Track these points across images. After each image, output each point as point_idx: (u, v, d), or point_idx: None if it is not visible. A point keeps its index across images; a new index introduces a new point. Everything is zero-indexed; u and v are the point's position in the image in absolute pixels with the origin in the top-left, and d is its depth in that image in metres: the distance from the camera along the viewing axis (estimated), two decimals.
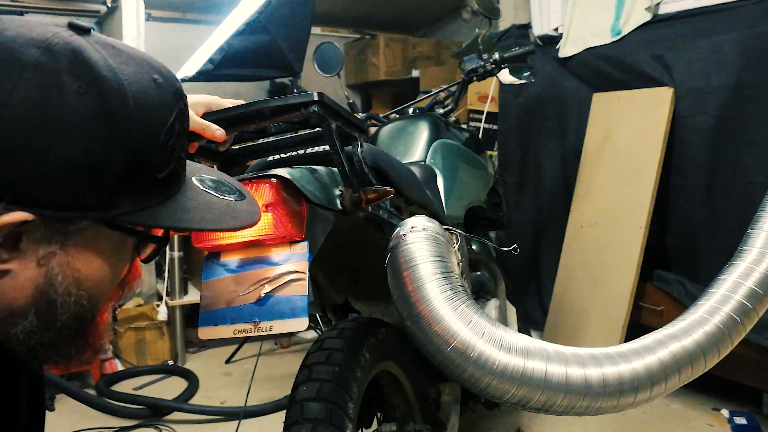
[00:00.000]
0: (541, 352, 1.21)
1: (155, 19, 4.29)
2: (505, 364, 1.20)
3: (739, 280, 1.40)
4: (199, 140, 1.24)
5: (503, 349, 1.21)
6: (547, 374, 1.19)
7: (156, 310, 3.76)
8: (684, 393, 3.05)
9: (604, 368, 1.22)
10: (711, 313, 1.34)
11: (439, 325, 1.23)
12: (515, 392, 1.20)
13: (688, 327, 1.32)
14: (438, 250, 1.31)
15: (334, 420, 1.36)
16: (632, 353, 1.26)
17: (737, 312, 1.35)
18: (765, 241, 1.46)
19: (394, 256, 1.32)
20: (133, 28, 3.78)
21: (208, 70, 3.32)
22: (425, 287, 1.26)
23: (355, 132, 1.37)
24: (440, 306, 1.23)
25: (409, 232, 1.33)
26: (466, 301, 1.26)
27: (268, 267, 1.25)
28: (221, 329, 1.26)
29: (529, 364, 1.20)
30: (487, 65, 2.77)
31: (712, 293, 1.40)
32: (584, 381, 1.20)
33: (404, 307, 1.28)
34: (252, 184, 1.24)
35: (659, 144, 3.04)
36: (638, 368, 1.24)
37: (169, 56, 4.00)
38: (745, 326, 1.36)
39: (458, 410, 2.15)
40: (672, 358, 1.26)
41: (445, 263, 1.30)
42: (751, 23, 2.81)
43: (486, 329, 1.23)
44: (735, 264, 1.45)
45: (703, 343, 1.29)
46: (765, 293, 1.39)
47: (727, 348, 1.33)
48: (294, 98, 1.22)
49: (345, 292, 1.98)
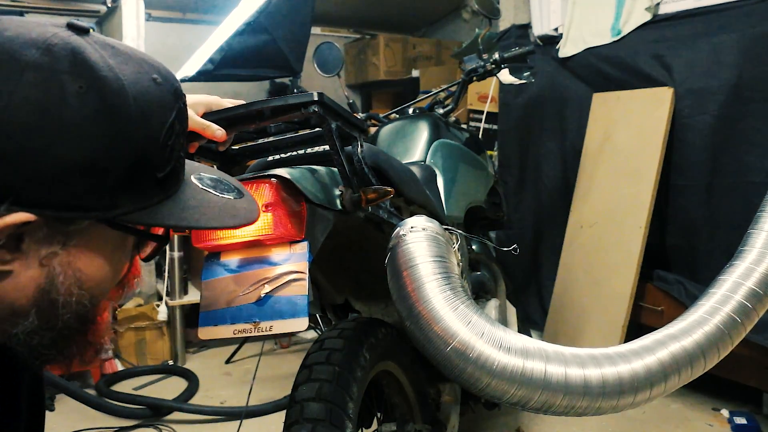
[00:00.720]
0: (540, 353, 1.21)
1: (155, 19, 4.29)
2: (504, 365, 1.20)
3: (739, 280, 1.40)
4: (199, 140, 1.24)
5: (503, 349, 1.21)
6: (547, 374, 1.19)
7: (156, 310, 3.76)
8: (684, 393, 3.05)
9: (603, 369, 1.22)
10: (711, 313, 1.34)
11: (438, 325, 1.22)
12: (515, 392, 1.20)
13: (687, 327, 1.32)
14: (438, 250, 1.31)
15: (334, 420, 1.36)
16: (632, 354, 1.26)
17: (737, 312, 1.35)
18: (765, 242, 1.46)
19: (394, 256, 1.32)
20: (133, 28, 3.78)
21: (208, 70, 3.32)
22: (425, 287, 1.25)
23: (355, 132, 1.37)
24: (440, 306, 1.23)
25: (409, 232, 1.33)
26: (466, 302, 1.26)
27: (268, 267, 1.25)
28: (221, 329, 1.26)
29: (529, 365, 1.20)
30: (487, 65, 2.77)
31: (712, 293, 1.40)
32: (583, 381, 1.20)
33: (404, 307, 1.28)
34: (252, 184, 1.23)
35: (659, 144, 3.04)
36: (638, 369, 1.24)
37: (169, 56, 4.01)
38: (746, 326, 1.36)
39: (458, 410, 2.15)
40: (672, 358, 1.26)
41: (445, 263, 1.30)
42: (751, 23, 2.81)
43: (485, 329, 1.23)
44: (735, 264, 1.45)
45: (703, 343, 1.29)
46: (765, 293, 1.40)
47: (727, 348, 1.33)
48: (294, 98, 1.22)
49: (345, 292, 1.98)
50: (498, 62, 2.75)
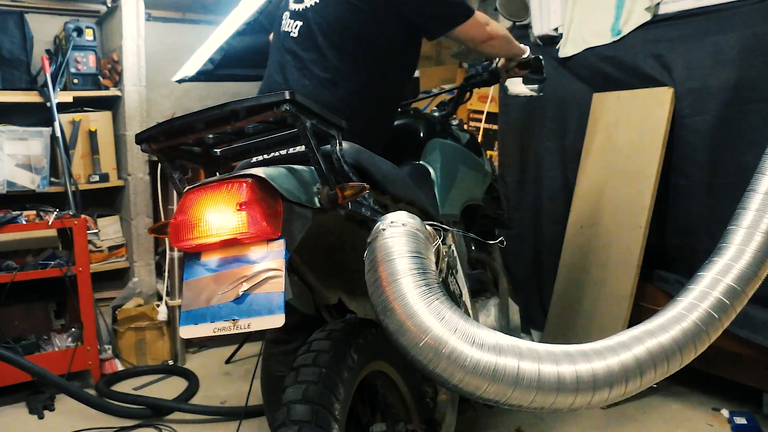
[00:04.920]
0: (513, 350, 1.22)
1: (155, 19, 4.30)
2: (477, 361, 1.20)
3: (717, 276, 1.40)
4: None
5: (475, 345, 1.21)
6: (520, 371, 1.19)
7: (156, 310, 3.78)
8: (684, 393, 3.05)
9: (577, 365, 1.23)
10: (689, 309, 1.35)
11: (412, 320, 1.23)
12: (488, 389, 1.20)
13: (665, 323, 1.32)
14: (416, 245, 1.32)
15: (320, 422, 1.38)
16: (607, 350, 1.26)
17: (715, 308, 1.35)
18: (744, 238, 1.47)
19: (372, 250, 1.33)
20: (133, 28, 3.81)
21: (208, 70, 3.34)
22: (400, 282, 1.26)
23: (333, 130, 1.38)
24: (414, 301, 1.23)
25: (389, 227, 1.34)
26: (440, 297, 1.26)
27: (246, 265, 1.26)
28: (202, 328, 1.27)
29: (501, 361, 1.20)
30: (485, 75, 2.75)
31: (691, 290, 1.41)
32: (557, 378, 1.20)
33: (379, 301, 1.28)
34: (227, 184, 1.24)
35: (659, 144, 3.03)
36: (612, 365, 1.25)
37: (169, 56, 4.09)
38: (723, 322, 1.37)
39: (455, 409, 2.16)
40: (648, 354, 1.26)
41: (422, 259, 1.30)
42: (751, 23, 2.79)
43: (459, 325, 1.23)
44: (714, 260, 1.47)
45: (680, 339, 1.30)
46: (743, 290, 1.40)
47: (704, 344, 1.34)
48: (266, 98, 1.22)
49: (338, 292, 1.98)
50: (495, 73, 2.73)
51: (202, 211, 1.28)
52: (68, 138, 3.77)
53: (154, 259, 4.01)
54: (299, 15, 2.18)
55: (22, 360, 2.98)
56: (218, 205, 1.26)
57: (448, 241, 1.97)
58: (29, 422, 3.08)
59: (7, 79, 3.75)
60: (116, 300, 3.87)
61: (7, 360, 2.91)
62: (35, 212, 3.44)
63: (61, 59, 3.78)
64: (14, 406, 3.23)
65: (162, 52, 4.25)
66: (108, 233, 4.00)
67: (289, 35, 2.20)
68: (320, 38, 2.10)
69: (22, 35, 3.82)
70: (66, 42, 3.79)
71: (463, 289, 2.16)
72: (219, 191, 1.27)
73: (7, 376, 3.12)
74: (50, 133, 3.68)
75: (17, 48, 3.80)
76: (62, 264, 3.38)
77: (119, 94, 3.90)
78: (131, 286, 3.90)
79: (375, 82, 2.14)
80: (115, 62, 3.87)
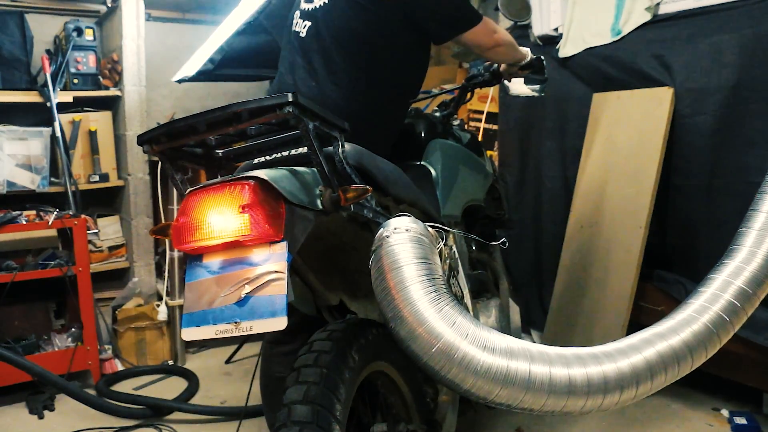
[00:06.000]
0: (524, 353, 1.21)
1: (155, 19, 4.30)
2: (489, 365, 1.20)
3: (728, 279, 1.39)
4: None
5: (487, 349, 1.21)
6: (531, 374, 1.19)
7: (156, 310, 3.78)
8: (684, 393, 3.04)
9: (588, 368, 1.22)
10: (700, 311, 1.34)
11: (423, 327, 1.23)
12: (499, 393, 1.20)
13: (676, 326, 1.32)
14: (422, 251, 1.31)
15: (321, 422, 1.37)
16: (618, 353, 1.26)
17: (726, 311, 1.34)
18: (755, 240, 1.46)
19: (378, 258, 1.33)
20: (133, 28, 3.80)
21: (208, 70, 3.33)
22: (409, 289, 1.26)
23: (335, 131, 1.37)
24: (424, 308, 1.23)
25: (393, 233, 1.34)
26: (450, 303, 1.26)
27: (249, 267, 1.26)
28: (204, 330, 1.27)
29: (513, 365, 1.20)
30: (486, 75, 2.75)
31: (701, 292, 1.40)
32: (568, 381, 1.20)
33: (388, 309, 1.28)
34: (230, 186, 1.24)
35: (659, 144, 3.03)
36: (623, 368, 1.24)
37: (169, 56, 4.08)
38: (734, 325, 1.36)
39: (456, 410, 2.15)
40: (658, 357, 1.26)
41: (429, 265, 1.30)
42: (751, 23, 2.79)
43: (470, 330, 1.23)
44: (725, 263, 1.45)
45: (691, 342, 1.29)
46: (754, 292, 1.39)
47: (715, 347, 1.33)
48: (269, 100, 1.22)
49: (340, 293, 1.98)
50: (497, 74, 2.73)
51: (204, 213, 1.28)
52: (68, 138, 3.77)
53: (154, 259, 4.01)
54: (309, 15, 2.19)
55: (22, 360, 2.98)
56: (221, 207, 1.26)
57: (450, 242, 1.97)
58: (29, 422, 3.08)
59: (7, 79, 3.74)
60: (116, 300, 3.87)
61: (7, 360, 2.90)
62: (35, 212, 3.44)
63: (61, 59, 3.77)
64: (14, 406, 3.23)
65: (162, 52, 4.24)
66: (108, 233, 4.00)
67: (299, 35, 2.21)
68: (328, 39, 2.10)
69: (22, 35, 3.81)
70: (66, 42, 3.79)
71: (464, 289, 2.16)
72: (221, 193, 1.27)
73: (7, 376, 3.11)
74: (50, 133, 3.67)
75: (17, 48, 3.79)
76: (62, 264, 3.37)
77: (119, 94, 3.90)
78: (131, 286, 3.90)
79: (381, 85, 2.14)
80: (115, 62, 3.87)
